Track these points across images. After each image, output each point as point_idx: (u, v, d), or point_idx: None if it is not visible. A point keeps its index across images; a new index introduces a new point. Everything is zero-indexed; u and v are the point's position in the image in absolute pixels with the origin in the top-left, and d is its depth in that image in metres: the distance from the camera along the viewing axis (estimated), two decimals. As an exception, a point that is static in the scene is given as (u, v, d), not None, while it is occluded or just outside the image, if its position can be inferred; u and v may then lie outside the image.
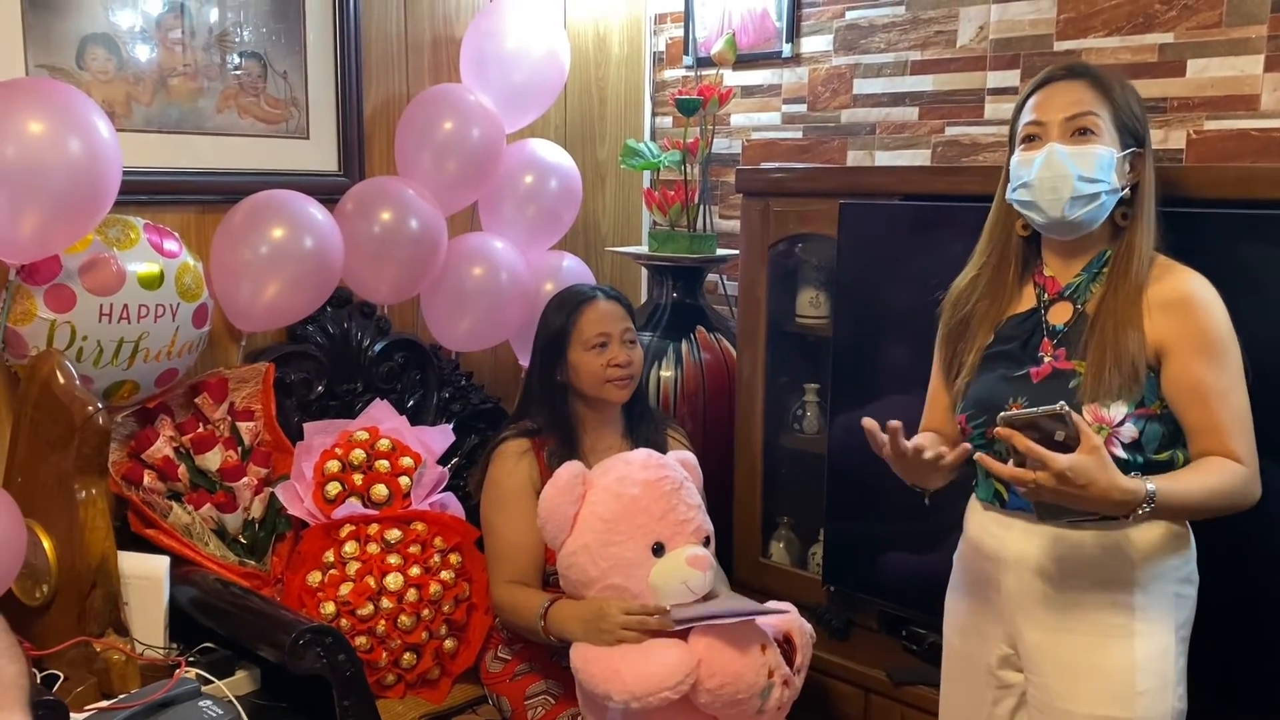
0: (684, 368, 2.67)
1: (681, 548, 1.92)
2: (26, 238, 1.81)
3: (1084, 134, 1.55)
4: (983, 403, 1.63)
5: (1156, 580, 1.55)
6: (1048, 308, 1.63)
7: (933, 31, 2.57)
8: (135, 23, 2.16)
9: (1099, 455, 1.39)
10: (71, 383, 1.84)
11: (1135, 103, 1.60)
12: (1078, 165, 1.53)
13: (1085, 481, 1.38)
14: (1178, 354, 1.51)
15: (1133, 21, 2.25)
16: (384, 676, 2.13)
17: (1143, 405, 1.53)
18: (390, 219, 2.35)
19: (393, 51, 2.61)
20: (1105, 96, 1.56)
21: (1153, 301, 1.54)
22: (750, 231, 2.50)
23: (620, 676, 1.77)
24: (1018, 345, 1.63)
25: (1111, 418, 1.52)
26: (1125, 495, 1.40)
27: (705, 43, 2.99)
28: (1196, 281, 1.54)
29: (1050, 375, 1.58)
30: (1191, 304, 1.52)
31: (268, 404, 2.28)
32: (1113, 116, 1.56)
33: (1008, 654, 1.66)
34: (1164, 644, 1.54)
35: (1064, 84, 1.58)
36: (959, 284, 1.73)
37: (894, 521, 2.19)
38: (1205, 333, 1.51)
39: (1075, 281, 1.61)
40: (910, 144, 2.64)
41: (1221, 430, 1.50)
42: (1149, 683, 1.53)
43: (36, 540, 1.85)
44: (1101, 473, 1.39)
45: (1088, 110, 1.55)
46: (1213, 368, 1.50)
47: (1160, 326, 1.52)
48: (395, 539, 2.18)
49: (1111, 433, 1.52)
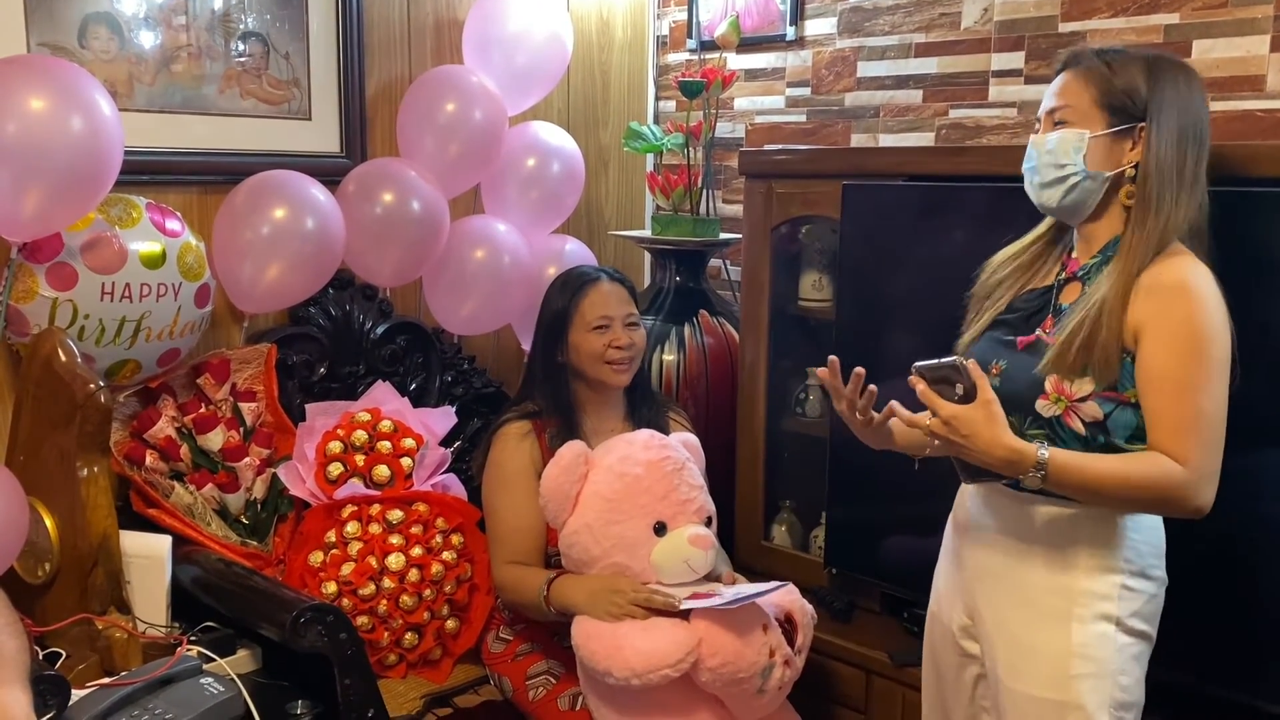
0: (687, 352, 2.67)
1: (683, 527, 1.93)
2: (28, 215, 1.81)
3: (1058, 125, 1.58)
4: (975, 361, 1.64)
5: (1102, 569, 1.53)
6: (1061, 287, 1.63)
7: (937, 14, 2.56)
8: (138, 3, 2.16)
9: (988, 410, 1.45)
10: (73, 361, 1.84)
11: (1135, 76, 1.54)
12: (1041, 153, 1.58)
13: (968, 432, 1.45)
14: (1151, 339, 1.47)
15: (1138, 3, 2.24)
16: (385, 656, 2.13)
17: (1115, 389, 1.50)
18: (392, 201, 2.34)
19: (395, 33, 2.60)
20: (1086, 79, 1.56)
21: (1143, 284, 1.49)
22: (753, 214, 2.49)
23: (621, 653, 1.77)
24: (1022, 317, 1.65)
25: (1072, 392, 1.51)
26: (1011, 454, 1.44)
27: (709, 26, 2.98)
28: (1194, 270, 1.49)
29: (1031, 345, 1.60)
30: (1180, 291, 1.47)
31: (270, 385, 2.29)
32: (1097, 98, 1.55)
33: (967, 624, 1.69)
34: (1102, 631, 1.52)
35: (1059, 78, 1.61)
36: (1004, 250, 1.74)
37: (895, 504, 2.19)
38: (1185, 323, 1.45)
39: (1090, 264, 1.60)
40: (914, 127, 2.63)
41: (1175, 426, 1.45)
42: (1084, 668, 1.52)
43: (39, 518, 1.86)
44: (986, 427, 1.44)
45: (1063, 102, 1.57)
46: (1184, 360, 1.45)
47: (1142, 309, 1.48)
48: (397, 519, 2.18)
49: (1070, 406, 1.51)
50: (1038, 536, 1.57)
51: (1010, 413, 1.53)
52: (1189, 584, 1.63)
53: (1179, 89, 1.54)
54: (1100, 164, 1.55)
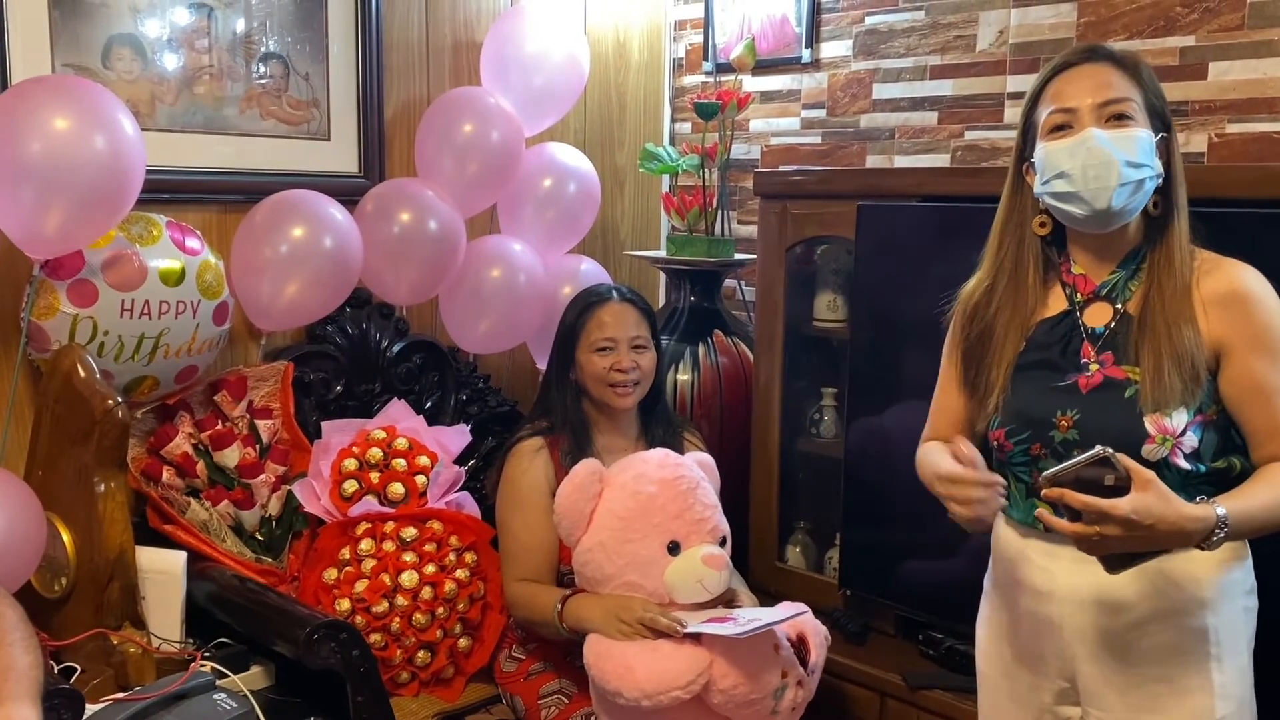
0: (701, 371, 2.67)
1: (697, 546, 1.92)
2: (51, 233, 1.84)
3: (1120, 119, 1.44)
4: (1024, 416, 1.51)
5: (1224, 598, 1.45)
6: (1082, 309, 1.52)
7: (952, 36, 2.57)
8: (162, 26, 2.19)
9: (1157, 488, 1.28)
10: (92, 376, 1.86)
11: (1158, 87, 1.50)
12: (1123, 150, 1.41)
13: (1153, 520, 1.27)
14: (1238, 352, 1.41)
15: (1154, 24, 2.24)
16: (398, 674, 2.13)
17: (1200, 411, 1.42)
18: (410, 220, 2.36)
19: (414, 55, 2.63)
20: (1134, 79, 1.47)
21: (1206, 299, 1.43)
22: (768, 234, 2.50)
23: (632, 674, 1.76)
24: (1056, 352, 1.51)
25: (1174, 428, 1.41)
26: (1196, 524, 1.30)
27: (725, 48, 2.99)
28: (1249, 274, 1.45)
29: (1101, 385, 1.46)
30: (1249, 299, 1.42)
31: (286, 402, 2.30)
32: (1144, 100, 1.47)
33: (1064, 688, 1.54)
34: (1240, 664, 1.46)
35: (1088, 67, 1.47)
36: (971, 292, 1.61)
37: (911, 526, 2.18)
38: (1267, 328, 1.41)
39: (1111, 279, 1.50)
40: (929, 148, 2.63)
41: None
42: (1228, 708, 1.44)
43: (56, 533, 1.87)
44: (1167, 507, 1.28)
45: (1122, 95, 1.44)
46: (1276, 366, 1.40)
47: (1217, 324, 1.42)
48: (411, 537, 2.18)
49: (1175, 443, 1.41)
50: (1152, 584, 1.44)
51: None
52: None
53: None
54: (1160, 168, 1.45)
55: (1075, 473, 1.31)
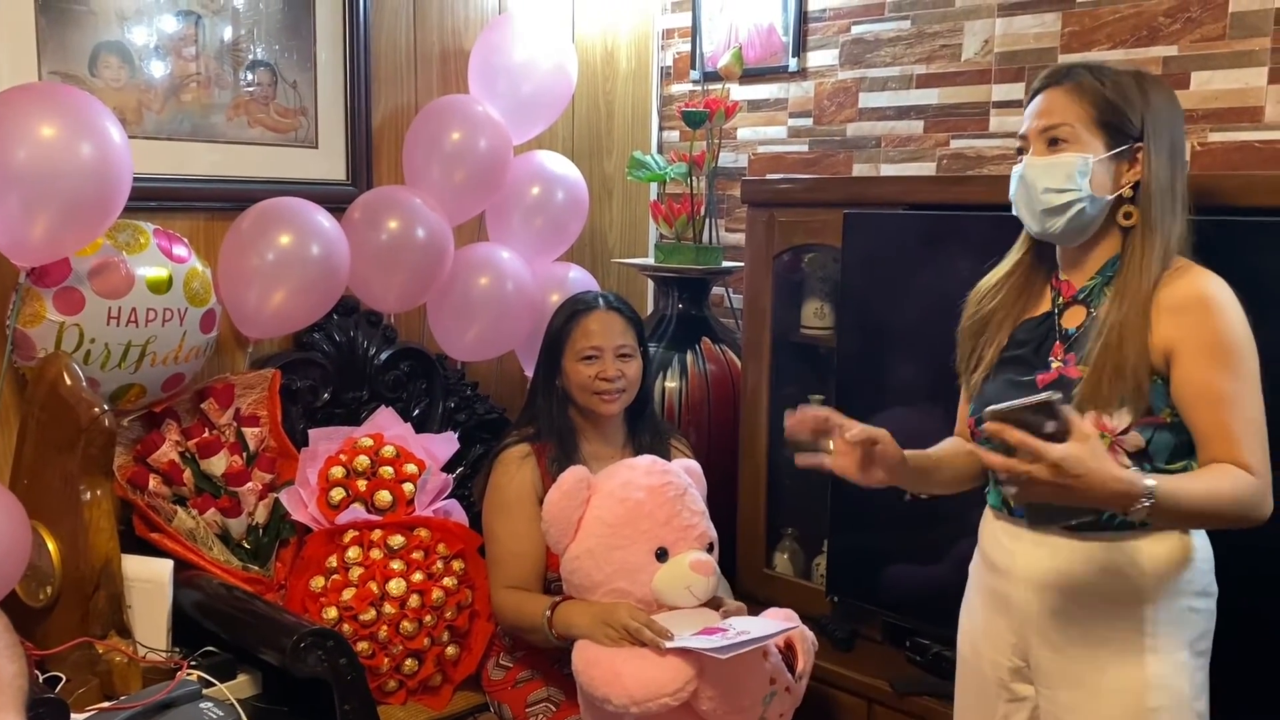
0: (689, 379, 2.67)
1: (685, 553, 1.93)
2: (37, 240, 1.83)
3: (1054, 144, 1.53)
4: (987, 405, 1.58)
5: (1169, 595, 1.50)
6: (1062, 311, 1.60)
7: (938, 45, 2.59)
8: (150, 33, 2.19)
9: (1092, 443, 1.32)
10: (78, 384, 1.86)
11: (1131, 94, 1.53)
12: (1045, 178, 1.52)
13: (1080, 471, 1.31)
14: (1187, 357, 1.46)
15: (1137, 35, 2.26)
16: (385, 683, 2.13)
17: (1151, 414, 1.48)
18: (397, 228, 2.36)
19: (401, 63, 2.63)
20: (1081, 98, 1.52)
21: (1163, 304, 1.48)
22: (755, 242, 2.51)
23: (621, 680, 1.77)
24: (1030, 349, 1.60)
25: (1114, 426, 1.47)
26: (1123, 486, 1.33)
27: (712, 57, 3.01)
28: (1212, 283, 1.48)
29: (1054, 382, 1.54)
30: (1205, 305, 1.46)
31: (273, 410, 2.29)
32: (1094, 117, 1.51)
33: (1019, 666, 1.61)
34: (1177, 660, 1.49)
35: (1045, 94, 1.56)
36: (986, 280, 1.70)
37: (898, 532, 2.19)
38: (1217, 334, 1.45)
39: (1089, 285, 1.58)
40: (915, 157, 2.65)
41: (1231, 437, 1.43)
42: (1161, 700, 1.48)
43: (41, 541, 1.86)
44: (1096, 461, 1.32)
45: (1057, 121, 1.52)
46: (1224, 372, 1.44)
47: (1169, 329, 1.47)
48: (398, 545, 2.18)
49: (1115, 441, 1.47)
50: (1100, 572, 1.51)
51: None
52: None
53: (1167, 105, 1.55)
54: (1102, 187, 1.52)
55: (1019, 413, 1.35)
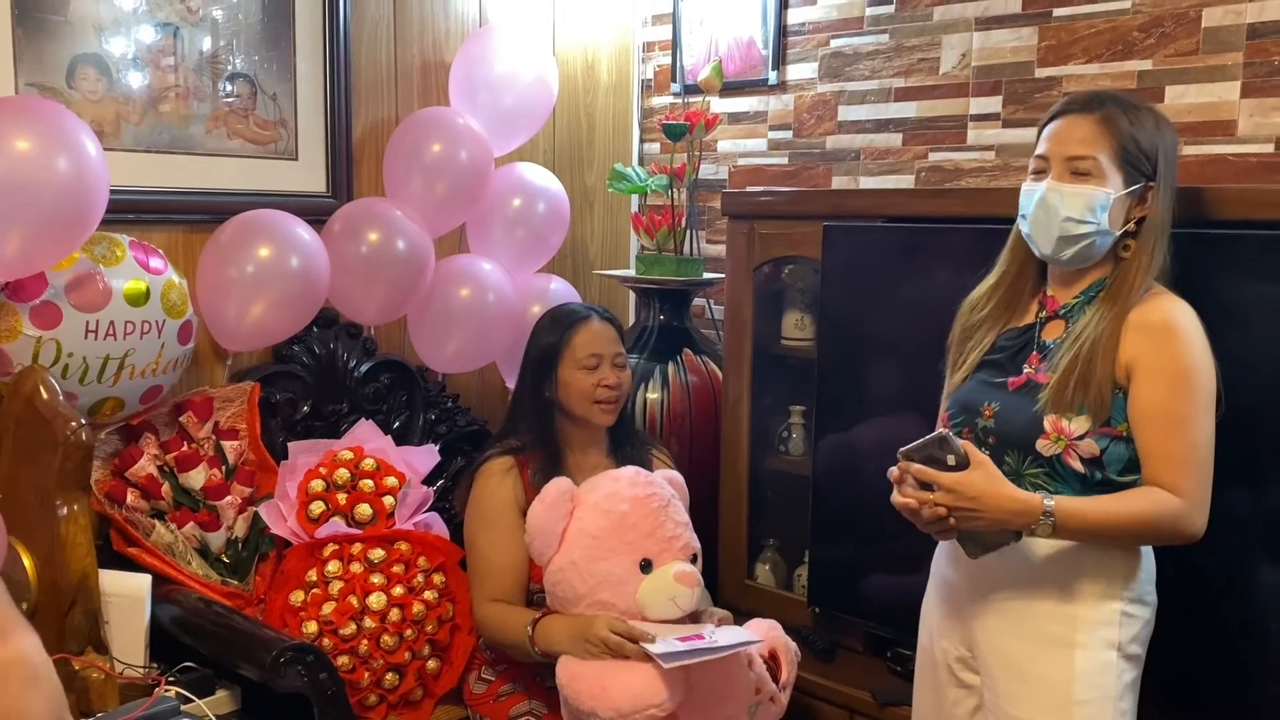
0: (670, 390, 2.68)
1: (669, 564, 1.92)
2: (12, 255, 1.81)
3: (1080, 175, 1.57)
4: (961, 403, 1.70)
5: (1102, 599, 1.57)
6: (1043, 325, 1.67)
7: (916, 59, 2.61)
8: (127, 45, 2.18)
9: (985, 469, 1.49)
10: (55, 399, 1.84)
11: (1151, 134, 1.58)
12: (1067, 207, 1.56)
13: (975, 494, 1.48)
14: (1144, 376, 1.53)
15: (1112, 49, 2.29)
16: (366, 697, 2.11)
17: (1109, 425, 1.55)
18: (377, 240, 2.36)
19: (382, 75, 2.63)
20: (1109, 133, 1.56)
21: (1132, 323, 1.56)
22: (736, 254, 2.52)
23: (607, 693, 1.76)
24: (1008, 356, 1.68)
25: (1071, 430, 1.55)
26: (1019, 505, 1.48)
27: (692, 70, 3.02)
28: (1180, 310, 1.56)
29: (1023, 385, 1.63)
30: (1168, 330, 1.54)
31: (253, 423, 2.28)
32: (1117, 154, 1.56)
33: (965, 655, 1.70)
34: (1104, 659, 1.56)
35: (1074, 119, 1.59)
36: (976, 291, 1.77)
37: (879, 543, 2.19)
38: (1175, 360, 1.53)
39: (1072, 303, 1.65)
40: (894, 169, 2.67)
41: (1170, 459, 1.51)
42: (1087, 694, 1.55)
43: (16, 556, 1.84)
44: (989, 485, 1.48)
45: (1087, 153, 1.56)
46: (1176, 396, 1.52)
47: (1133, 347, 1.54)
48: (379, 558, 2.17)
49: (1070, 445, 1.55)
50: (1039, 567, 1.59)
51: (1008, 453, 1.59)
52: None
53: (1174, 146, 1.62)
54: (1116, 222, 1.58)
55: (921, 453, 1.52)
